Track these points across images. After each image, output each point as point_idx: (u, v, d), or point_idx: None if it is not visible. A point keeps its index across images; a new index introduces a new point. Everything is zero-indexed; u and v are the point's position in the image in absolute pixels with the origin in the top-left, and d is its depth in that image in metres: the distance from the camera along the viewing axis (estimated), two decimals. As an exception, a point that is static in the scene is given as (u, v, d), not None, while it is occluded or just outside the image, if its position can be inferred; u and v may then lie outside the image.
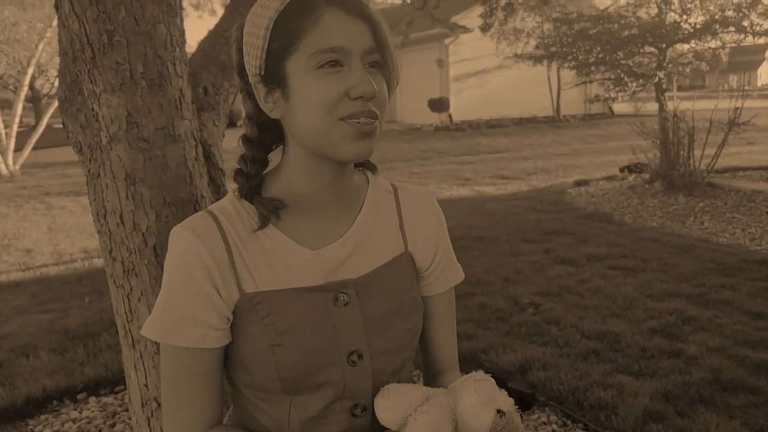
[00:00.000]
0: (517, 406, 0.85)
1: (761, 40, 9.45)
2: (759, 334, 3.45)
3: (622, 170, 9.07)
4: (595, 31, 9.19)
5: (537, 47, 10.94)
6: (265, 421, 0.91)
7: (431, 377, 1.05)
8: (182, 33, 1.66)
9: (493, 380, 0.87)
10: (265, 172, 0.92)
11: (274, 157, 0.94)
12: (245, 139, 0.90)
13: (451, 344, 1.05)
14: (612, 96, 9.47)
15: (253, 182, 0.89)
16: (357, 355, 0.88)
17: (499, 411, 0.82)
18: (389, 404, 0.86)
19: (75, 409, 2.98)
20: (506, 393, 0.86)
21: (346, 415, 0.90)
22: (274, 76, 0.83)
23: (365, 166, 0.98)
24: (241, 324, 0.87)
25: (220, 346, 0.87)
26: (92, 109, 1.61)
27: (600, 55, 9.28)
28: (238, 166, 0.90)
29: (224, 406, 0.95)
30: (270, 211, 0.86)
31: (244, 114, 0.90)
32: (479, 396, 0.85)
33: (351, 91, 0.80)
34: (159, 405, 1.78)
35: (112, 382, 3.20)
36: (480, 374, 0.88)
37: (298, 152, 0.88)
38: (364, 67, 0.81)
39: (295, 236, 0.89)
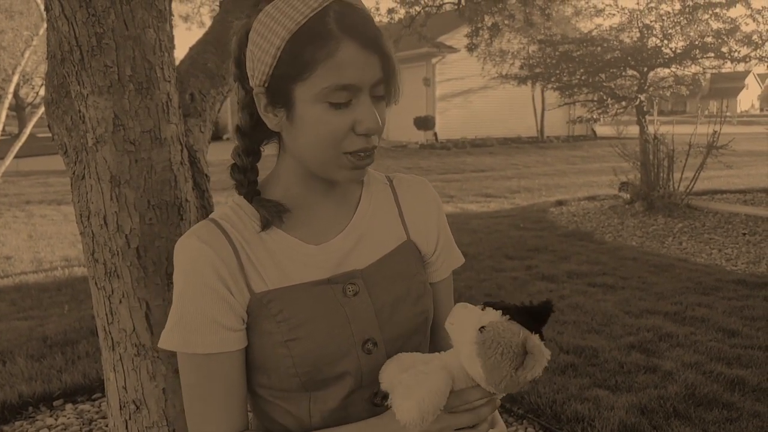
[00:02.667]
0: (519, 322, 0.77)
1: (741, 67, 9.67)
2: (734, 351, 3.51)
3: (621, 186, 8.99)
4: (578, 53, 9.35)
5: (522, 68, 11.09)
6: (286, 420, 0.90)
7: None
8: (171, 38, 1.68)
9: (463, 304, 0.83)
10: (264, 178, 0.93)
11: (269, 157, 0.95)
12: (238, 130, 0.90)
13: None
14: (594, 117, 9.61)
15: (250, 177, 0.90)
16: (372, 343, 0.89)
17: (481, 329, 0.76)
18: (383, 371, 0.87)
19: (51, 416, 2.95)
20: (492, 310, 0.79)
21: (366, 404, 0.90)
22: (280, 96, 0.82)
23: None
24: (254, 324, 0.87)
25: (240, 348, 0.86)
26: (79, 111, 1.63)
27: (583, 77, 9.43)
28: (233, 161, 0.90)
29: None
30: (273, 215, 0.87)
31: (237, 102, 0.90)
32: (452, 324, 0.81)
33: (357, 126, 0.81)
34: (137, 408, 1.78)
35: (90, 390, 3.18)
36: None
37: (292, 162, 0.89)
38: (370, 97, 0.82)
39: (298, 234, 0.90)
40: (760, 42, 8.28)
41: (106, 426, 2.77)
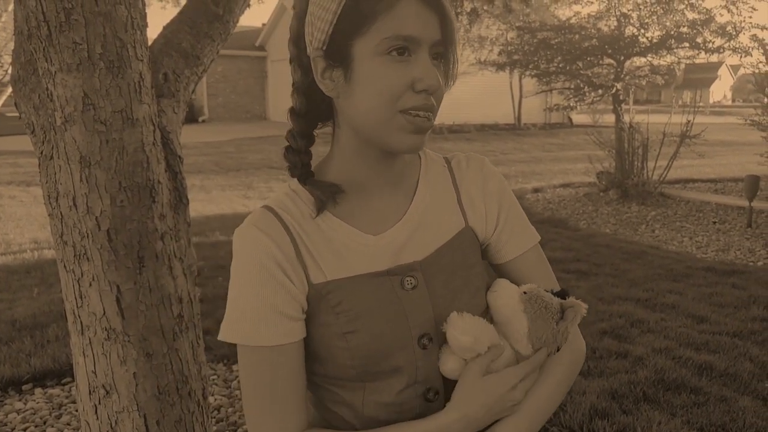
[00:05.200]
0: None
1: (714, 58, 9.80)
2: (702, 337, 3.58)
3: (599, 175, 8.99)
4: (556, 40, 9.38)
5: (500, 54, 11.10)
6: (339, 407, 0.90)
7: None
8: (143, 16, 1.64)
9: (504, 279, 0.93)
10: (318, 163, 0.90)
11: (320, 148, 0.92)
12: (292, 112, 0.87)
13: None
14: (571, 105, 9.67)
15: (304, 159, 0.87)
16: (427, 338, 0.86)
17: (524, 292, 0.87)
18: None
19: (20, 400, 2.90)
20: (528, 284, 0.90)
21: (420, 400, 0.88)
22: (339, 53, 0.81)
23: None
24: (312, 314, 0.85)
25: (303, 338, 0.85)
26: (47, 89, 1.58)
27: (561, 65, 9.48)
28: (287, 143, 0.87)
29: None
30: (328, 196, 0.84)
31: (292, 85, 0.87)
32: (496, 292, 0.89)
33: (416, 83, 0.79)
34: (107, 392, 1.75)
35: (59, 374, 3.13)
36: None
37: (348, 135, 0.86)
38: (430, 60, 0.80)
39: (355, 223, 0.88)
40: (734, 33, 8.39)
41: (76, 411, 2.74)
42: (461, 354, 0.85)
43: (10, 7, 9.36)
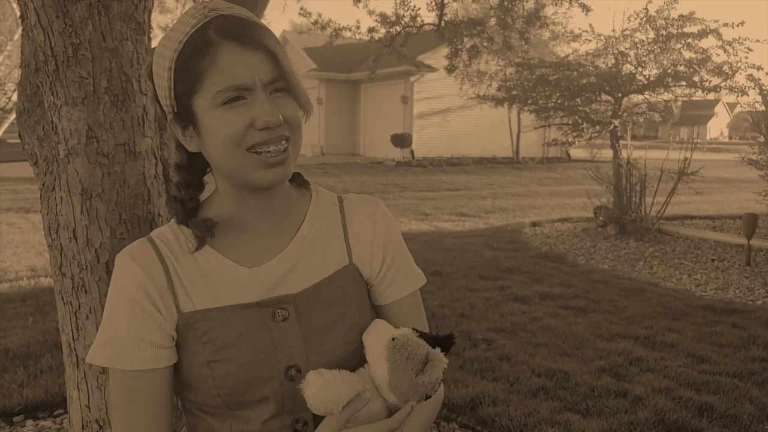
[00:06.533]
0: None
1: (711, 96, 9.91)
2: (702, 377, 3.54)
3: (596, 210, 8.99)
4: (555, 77, 9.49)
5: (499, 89, 11.22)
6: None
7: None
8: (149, 51, 1.66)
9: (382, 321, 0.93)
10: (204, 199, 0.95)
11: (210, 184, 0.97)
12: (176, 166, 0.92)
13: None
14: (569, 141, 9.74)
15: (188, 206, 0.91)
16: (295, 369, 0.89)
17: (393, 338, 0.86)
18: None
19: (10, 433, 2.85)
20: (406, 328, 0.89)
21: (288, 430, 0.91)
22: (185, 114, 0.86)
23: (299, 183, 1.00)
24: (182, 343, 0.89)
25: (168, 365, 0.89)
26: (51, 122, 1.59)
27: (559, 101, 9.57)
28: (172, 194, 0.92)
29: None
30: (204, 231, 0.89)
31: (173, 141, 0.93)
32: (369, 334, 0.90)
33: (255, 122, 0.82)
34: (100, 427, 1.73)
35: (52, 406, 3.08)
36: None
37: (221, 179, 0.91)
38: (270, 95, 0.83)
39: (232, 256, 0.92)
40: (730, 73, 8.50)
41: (68, 444, 2.69)
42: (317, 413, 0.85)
43: (16, 36, 9.48)
